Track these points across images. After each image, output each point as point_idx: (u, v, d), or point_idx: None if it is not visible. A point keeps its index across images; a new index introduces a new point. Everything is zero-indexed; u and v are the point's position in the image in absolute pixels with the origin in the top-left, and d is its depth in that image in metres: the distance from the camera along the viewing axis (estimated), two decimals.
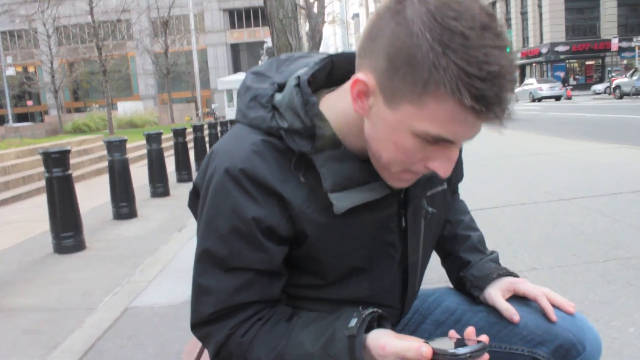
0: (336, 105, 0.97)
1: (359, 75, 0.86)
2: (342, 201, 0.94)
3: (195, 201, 1.07)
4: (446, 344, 0.87)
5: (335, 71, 1.03)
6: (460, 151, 1.07)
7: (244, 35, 52.35)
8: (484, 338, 0.89)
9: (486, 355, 0.86)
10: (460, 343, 0.88)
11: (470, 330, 0.92)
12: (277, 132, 0.96)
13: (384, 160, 0.90)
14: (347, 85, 0.95)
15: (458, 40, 0.74)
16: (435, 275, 1.86)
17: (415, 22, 0.77)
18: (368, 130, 0.90)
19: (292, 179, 0.96)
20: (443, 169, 0.87)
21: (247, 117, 1.00)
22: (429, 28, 0.76)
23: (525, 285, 1.16)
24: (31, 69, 46.16)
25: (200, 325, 1.02)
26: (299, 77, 0.96)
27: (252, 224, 0.94)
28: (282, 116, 0.96)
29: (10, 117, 37.90)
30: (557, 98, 33.11)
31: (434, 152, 0.85)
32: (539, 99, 33.39)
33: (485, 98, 0.75)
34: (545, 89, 33.43)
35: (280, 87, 1.00)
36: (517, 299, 1.16)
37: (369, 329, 0.94)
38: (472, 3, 0.78)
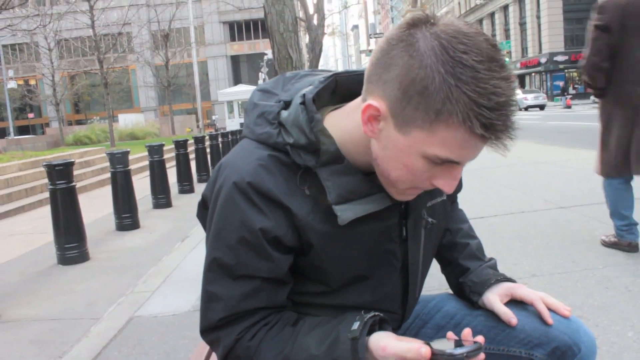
0: (340, 123, 1.02)
1: (371, 101, 0.90)
2: (346, 213, 0.99)
3: (203, 212, 1.11)
4: (444, 345, 0.91)
5: (339, 89, 1.08)
6: None
7: (244, 47, 52.56)
8: (480, 339, 0.93)
9: (482, 355, 0.90)
10: (458, 344, 0.92)
11: (466, 332, 0.96)
12: (283, 148, 1.01)
13: (392, 178, 0.95)
14: (352, 105, 1.00)
15: (469, 73, 0.80)
16: (435, 283, 1.90)
17: (428, 54, 0.82)
18: (377, 151, 0.95)
19: (297, 192, 1.01)
20: (448, 186, 0.93)
21: (254, 132, 1.05)
22: (442, 61, 0.81)
23: (522, 290, 1.20)
24: (32, 82, 46.35)
25: (209, 330, 1.06)
26: (304, 95, 1.01)
27: (259, 234, 0.99)
28: (288, 132, 1.01)
29: (11, 129, 38.05)
30: (542, 107, 34.52)
31: (441, 171, 0.91)
32: (525, 108, 34.57)
33: (494, 126, 0.81)
34: (530, 98, 34.95)
35: (286, 105, 1.05)
36: (515, 303, 1.20)
37: (370, 331, 0.98)
38: (479, 36, 0.84)
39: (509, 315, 1.16)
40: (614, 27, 3.39)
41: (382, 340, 0.94)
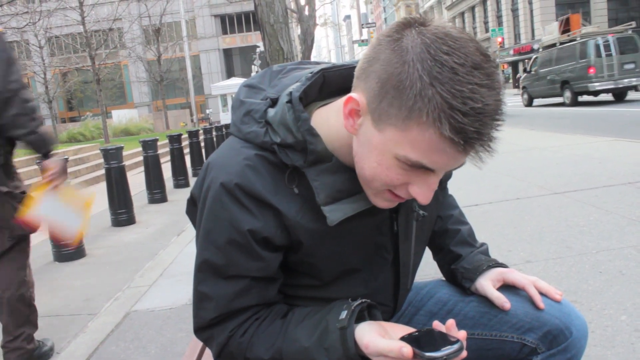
0: (328, 121, 1.01)
1: (353, 94, 0.90)
2: (335, 213, 0.98)
3: (192, 209, 1.11)
4: (430, 338, 0.91)
5: (328, 84, 1.06)
6: None
7: (236, 40, 52.35)
8: (462, 335, 0.92)
9: (464, 353, 0.89)
10: (442, 336, 0.92)
11: (450, 324, 0.95)
12: (271, 147, 1.00)
13: (366, 175, 0.94)
14: (340, 102, 0.99)
15: (447, 74, 0.78)
16: (432, 271, 1.91)
17: (409, 51, 0.82)
18: (355, 148, 0.95)
19: (285, 191, 1.00)
20: (422, 196, 0.92)
21: (241, 131, 1.04)
22: (421, 59, 0.80)
23: (514, 275, 1.21)
24: (24, 80, 46.06)
25: (202, 329, 1.08)
26: (291, 94, 1.00)
27: (247, 235, 0.99)
28: (275, 131, 0.99)
29: None
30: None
31: (415, 177, 0.90)
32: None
33: (465, 132, 0.79)
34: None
35: (273, 102, 1.03)
36: (507, 288, 1.21)
37: (360, 318, 0.99)
38: (468, 42, 0.82)
39: (502, 300, 1.17)
40: None
41: (365, 337, 0.94)
